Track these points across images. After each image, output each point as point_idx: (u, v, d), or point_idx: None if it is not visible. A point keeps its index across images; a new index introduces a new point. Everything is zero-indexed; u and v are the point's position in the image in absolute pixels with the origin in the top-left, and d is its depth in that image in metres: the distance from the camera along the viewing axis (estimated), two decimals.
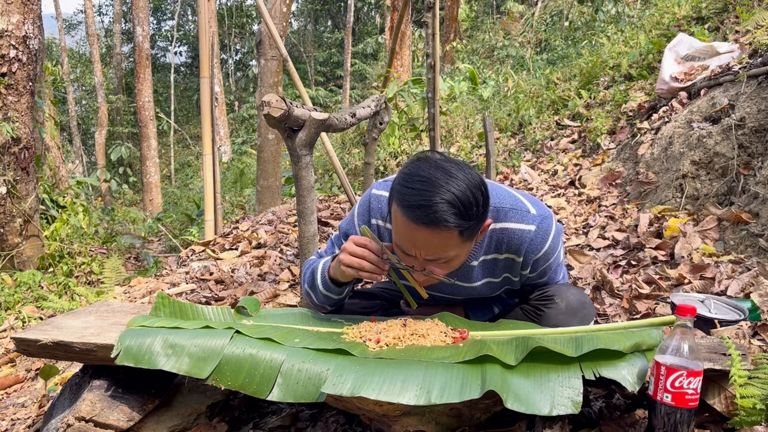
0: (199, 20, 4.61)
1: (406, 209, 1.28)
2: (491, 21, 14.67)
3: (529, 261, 1.51)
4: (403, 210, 1.29)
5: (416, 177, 1.30)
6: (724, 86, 3.38)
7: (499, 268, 1.57)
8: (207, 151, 4.61)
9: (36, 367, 2.71)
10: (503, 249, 1.51)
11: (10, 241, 4.06)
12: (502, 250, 1.52)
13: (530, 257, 1.50)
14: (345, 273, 1.47)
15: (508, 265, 1.55)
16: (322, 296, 1.61)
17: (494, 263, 1.55)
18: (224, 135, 13.19)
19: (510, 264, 1.54)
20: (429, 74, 3.83)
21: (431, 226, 1.26)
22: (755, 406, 1.18)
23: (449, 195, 1.25)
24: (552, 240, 1.50)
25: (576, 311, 1.53)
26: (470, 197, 1.27)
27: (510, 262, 1.54)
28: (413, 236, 1.31)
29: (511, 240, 1.49)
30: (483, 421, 1.34)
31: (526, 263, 1.52)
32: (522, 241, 1.48)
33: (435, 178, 1.28)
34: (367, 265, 1.43)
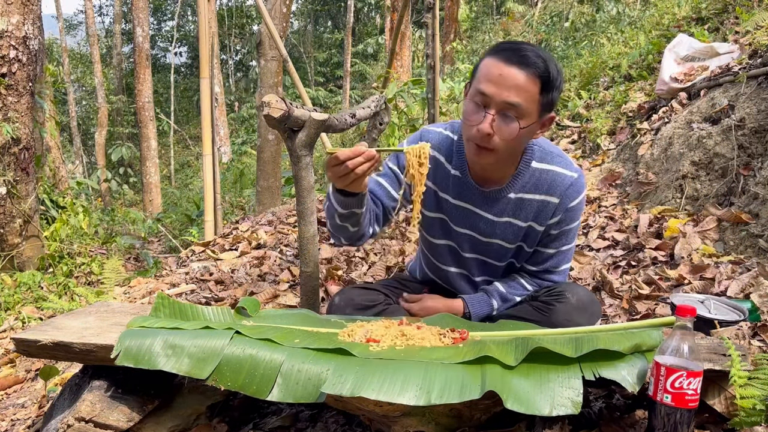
0: (199, 21, 4.62)
1: (500, 52, 1.43)
2: (491, 21, 14.68)
3: (564, 206, 1.59)
4: (496, 54, 1.43)
5: (509, 41, 1.51)
6: (723, 87, 3.38)
7: (530, 211, 1.62)
8: (207, 151, 4.61)
9: (36, 368, 2.71)
10: (543, 189, 1.59)
11: (10, 242, 4.06)
12: (542, 191, 1.59)
13: (565, 203, 1.58)
14: (343, 184, 1.44)
15: (541, 209, 1.60)
16: (341, 220, 1.59)
17: (528, 203, 1.61)
18: (224, 135, 13.20)
19: (543, 207, 1.60)
20: (429, 75, 3.83)
21: (520, 64, 1.39)
22: (755, 407, 1.18)
23: (541, 53, 1.43)
24: (583, 196, 1.61)
25: (586, 307, 1.56)
26: (554, 64, 1.44)
27: (544, 205, 1.60)
28: (501, 74, 1.40)
29: (555, 181, 1.58)
30: (483, 422, 1.34)
31: (560, 208, 1.59)
32: (564, 183, 1.58)
33: (528, 44, 1.46)
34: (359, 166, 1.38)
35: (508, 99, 1.40)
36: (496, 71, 1.41)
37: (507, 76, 1.40)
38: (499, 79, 1.40)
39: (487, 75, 1.43)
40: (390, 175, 1.72)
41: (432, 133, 1.69)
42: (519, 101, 1.40)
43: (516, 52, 1.41)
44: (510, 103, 1.41)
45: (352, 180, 1.41)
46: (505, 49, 1.43)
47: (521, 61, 1.39)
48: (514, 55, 1.40)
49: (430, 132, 1.70)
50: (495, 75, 1.41)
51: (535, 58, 1.40)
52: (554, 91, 1.45)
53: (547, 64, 1.41)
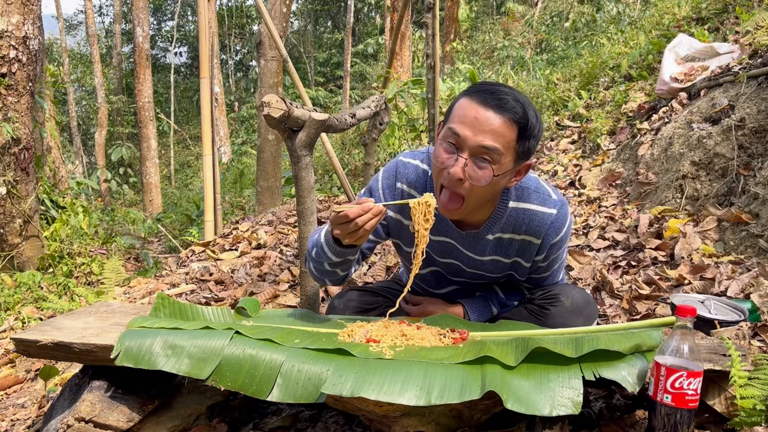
0: (199, 21, 4.62)
1: (478, 93, 1.36)
2: (491, 21, 14.68)
3: (546, 245, 1.54)
4: (474, 95, 1.37)
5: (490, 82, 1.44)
6: (724, 87, 3.38)
7: (512, 249, 1.58)
8: (207, 151, 4.61)
9: (36, 368, 2.71)
10: (522, 229, 1.53)
11: (10, 242, 4.06)
12: (521, 231, 1.54)
13: (548, 240, 1.53)
14: (350, 240, 1.41)
15: (523, 247, 1.56)
16: (328, 267, 1.56)
17: (509, 243, 1.57)
18: (224, 135, 13.19)
19: (525, 246, 1.56)
20: (429, 75, 3.83)
21: (499, 108, 1.33)
22: (755, 407, 1.18)
23: (519, 98, 1.37)
24: (567, 228, 1.54)
25: (581, 310, 1.55)
26: (534, 115, 1.38)
27: (526, 245, 1.56)
28: (476, 116, 1.34)
29: (532, 221, 1.52)
30: (483, 422, 1.34)
31: (543, 247, 1.55)
32: (543, 223, 1.51)
33: (507, 87, 1.40)
34: (363, 219, 1.35)
35: (483, 143, 1.33)
36: (471, 113, 1.34)
37: (483, 119, 1.33)
38: (474, 122, 1.33)
39: (462, 116, 1.36)
40: None
41: (409, 168, 1.60)
42: (494, 146, 1.33)
43: (494, 95, 1.34)
44: (485, 147, 1.33)
45: (360, 236, 1.39)
46: (483, 91, 1.36)
47: (499, 105, 1.33)
48: (492, 98, 1.33)
49: (407, 167, 1.60)
50: (470, 117, 1.34)
51: (513, 103, 1.34)
52: (531, 139, 1.38)
53: (525, 109, 1.35)
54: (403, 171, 1.61)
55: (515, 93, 1.37)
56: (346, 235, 1.39)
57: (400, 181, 1.60)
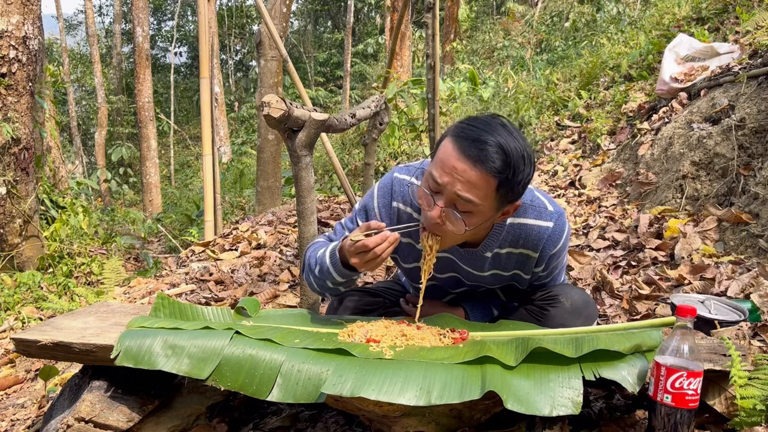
0: (199, 21, 4.62)
1: (459, 139, 1.31)
2: (491, 21, 14.68)
3: (545, 257, 1.53)
4: (455, 140, 1.31)
5: (480, 120, 1.34)
6: (724, 87, 3.38)
7: (511, 263, 1.58)
8: (207, 151, 4.61)
9: (36, 368, 2.71)
10: (519, 244, 1.53)
11: (9, 242, 4.06)
12: (518, 245, 1.53)
13: (546, 253, 1.52)
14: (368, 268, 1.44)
15: (522, 260, 1.56)
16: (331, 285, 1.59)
17: (507, 257, 1.56)
18: (224, 135, 13.19)
19: (524, 260, 1.56)
20: (429, 75, 3.83)
21: (476, 161, 1.28)
22: (755, 407, 1.18)
23: (504, 142, 1.29)
24: (565, 237, 1.54)
25: (581, 310, 1.55)
26: (519, 158, 1.30)
27: (524, 258, 1.55)
28: (455, 166, 1.30)
29: (529, 236, 1.51)
30: (483, 422, 1.34)
31: (541, 259, 1.54)
32: (540, 237, 1.50)
33: (496, 127, 1.32)
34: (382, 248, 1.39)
35: (459, 192, 1.31)
36: (451, 161, 1.30)
37: (460, 170, 1.29)
38: (452, 171, 1.30)
39: (442, 162, 1.33)
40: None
41: (404, 185, 1.57)
42: (471, 197, 1.31)
43: (476, 145, 1.28)
44: (461, 197, 1.31)
45: (377, 264, 1.42)
46: (466, 137, 1.29)
47: (478, 157, 1.27)
48: (473, 147, 1.28)
49: (402, 184, 1.57)
50: (449, 165, 1.31)
51: (494, 154, 1.27)
52: (516, 185, 1.33)
53: (508, 158, 1.28)
54: (398, 189, 1.58)
55: (503, 137, 1.29)
56: (363, 264, 1.41)
57: (396, 200, 1.58)
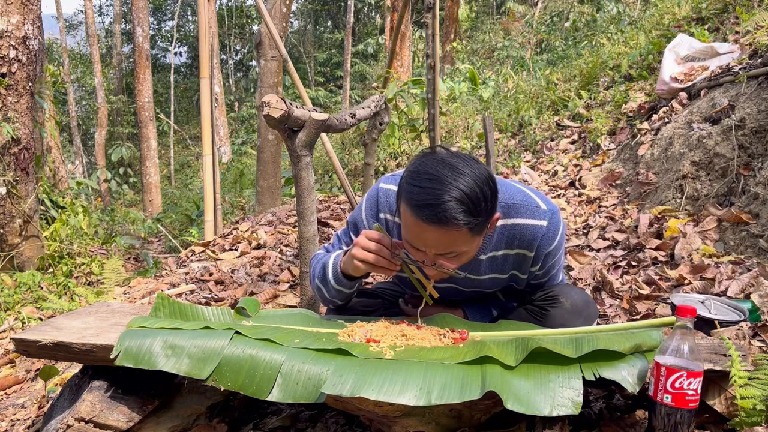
0: (199, 21, 4.62)
1: (415, 208, 1.28)
2: (491, 21, 14.69)
3: (541, 256, 1.53)
4: (412, 209, 1.29)
5: (424, 175, 1.29)
6: (724, 87, 3.38)
7: (508, 264, 1.58)
8: (207, 151, 4.61)
9: (36, 368, 2.71)
10: (515, 244, 1.53)
11: (9, 242, 4.06)
12: (514, 246, 1.53)
13: (542, 252, 1.52)
14: (357, 267, 1.46)
15: (518, 261, 1.56)
16: (334, 291, 1.61)
17: (504, 259, 1.56)
18: (224, 135, 13.19)
19: (520, 260, 1.56)
20: (429, 75, 3.83)
21: (440, 224, 1.26)
22: (755, 407, 1.18)
23: (458, 192, 1.25)
24: (561, 235, 1.53)
25: (581, 311, 1.55)
26: (478, 193, 1.27)
27: (521, 258, 1.55)
28: (423, 234, 1.31)
29: (524, 235, 1.50)
30: (483, 422, 1.34)
31: (537, 258, 1.54)
32: (534, 236, 1.50)
33: (443, 176, 1.27)
34: (381, 260, 1.43)
35: (440, 252, 1.35)
36: (418, 232, 1.32)
37: (431, 237, 1.30)
38: (425, 240, 1.33)
39: (411, 233, 1.35)
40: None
41: (390, 196, 1.57)
42: (452, 250, 1.34)
43: (433, 209, 1.25)
44: (444, 254, 1.35)
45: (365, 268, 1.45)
46: (422, 205, 1.26)
47: (440, 220, 1.25)
48: (432, 213, 1.25)
49: (388, 195, 1.58)
50: (419, 236, 1.33)
51: (455, 210, 1.24)
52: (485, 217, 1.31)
53: (469, 206, 1.25)
54: (384, 200, 1.59)
55: (452, 188, 1.25)
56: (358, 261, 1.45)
57: (383, 211, 1.60)
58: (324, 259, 1.65)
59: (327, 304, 1.73)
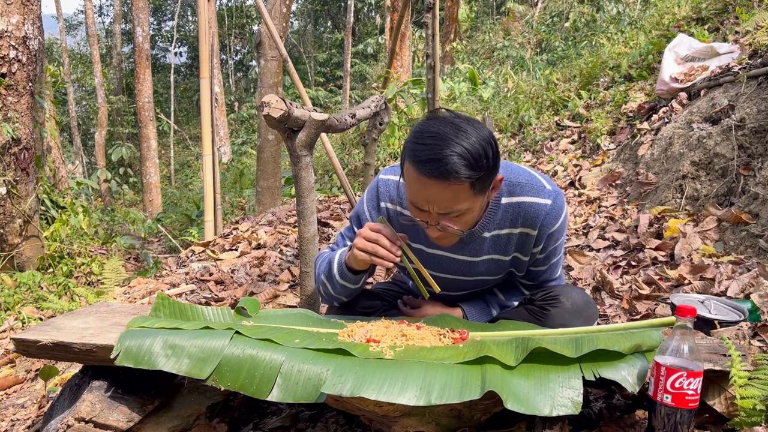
0: (199, 21, 4.62)
1: (418, 164, 1.30)
2: (491, 21, 14.69)
3: (543, 235, 1.54)
4: (415, 165, 1.31)
5: (427, 133, 1.32)
6: (724, 87, 3.38)
7: (511, 245, 1.58)
8: (207, 151, 4.61)
9: (36, 368, 2.71)
10: (519, 222, 1.54)
11: (10, 242, 4.06)
12: (518, 224, 1.54)
13: (545, 231, 1.53)
14: (359, 258, 1.48)
15: (521, 240, 1.57)
16: (339, 286, 1.63)
17: (507, 239, 1.57)
18: (224, 135, 13.19)
19: (523, 239, 1.56)
20: (429, 75, 3.83)
21: (442, 178, 1.28)
22: (755, 407, 1.18)
23: (459, 148, 1.28)
24: (564, 217, 1.54)
25: (581, 311, 1.55)
26: (480, 150, 1.30)
27: (524, 237, 1.56)
28: (426, 190, 1.33)
29: (528, 213, 1.51)
30: (483, 422, 1.34)
31: (540, 238, 1.55)
32: (538, 214, 1.51)
33: (445, 133, 1.30)
34: (381, 250, 1.45)
35: (443, 210, 1.35)
36: (421, 188, 1.33)
37: (434, 192, 1.32)
38: (427, 196, 1.34)
39: (414, 190, 1.36)
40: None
41: (389, 185, 1.61)
42: (454, 207, 1.35)
43: (436, 164, 1.28)
44: (446, 212, 1.36)
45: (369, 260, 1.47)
46: (424, 160, 1.29)
47: (443, 173, 1.27)
48: (435, 168, 1.28)
49: (387, 184, 1.62)
50: (422, 192, 1.34)
51: (457, 165, 1.27)
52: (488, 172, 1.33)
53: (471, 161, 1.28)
54: (384, 190, 1.63)
55: (456, 141, 1.28)
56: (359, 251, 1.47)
57: (383, 200, 1.63)
58: (329, 255, 1.67)
59: (331, 302, 1.74)
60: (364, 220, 1.66)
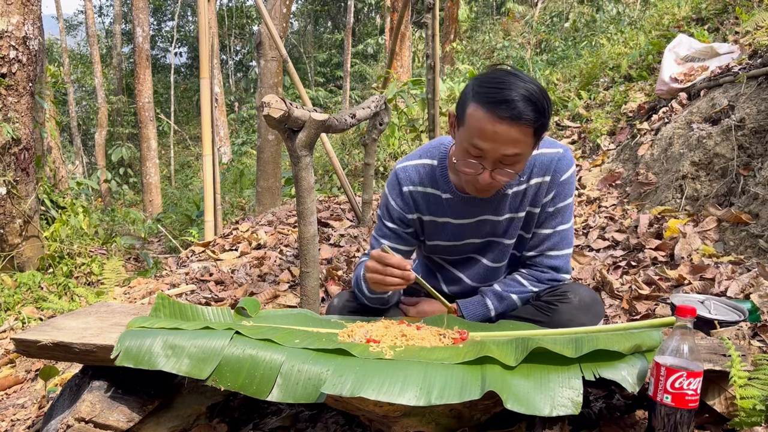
0: (199, 21, 4.62)
1: (489, 105, 1.36)
2: (491, 22, 14.69)
3: (556, 182, 1.61)
4: (485, 107, 1.37)
5: (493, 80, 1.40)
6: (723, 87, 3.38)
7: (526, 199, 1.64)
8: (207, 151, 4.61)
9: (36, 368, 2.71)
10: (534, 173, 1.61)
11: (10, 242, 4.06)
12: (533, 175, 1.61)
13: (558, 177, 1.60)
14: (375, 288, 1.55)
15: (535, 191, 1.63)
16: (372, 298, 1.70)
17: (524, 193, 1.64)
18: (224, 136, 13.19)
19: (536, 190, 1.63)
20: (429, 75, 3.83)
21: (512, 120, 1.35)
22: (755, 407, 1.18)
23: (527, 93, 1.36)
24: (573, 171, 1.62)
25: (589, 307, 1.57)
26: (542, 98, 1.38)
27: (537, 188, 1.62)
28: (492, 133, 1.37)
29: (543, 162, 1.60)
30: (483, 422, 1.34)
31: (552, 185, 1.61)
32: (551, 160, 1.60)
33: (511, 81, 1.38)
34: (392, 279, 1.49)
35: (505, 152, 1.40)
36: (489, 128, 1.37)
37: (501, 132, 1.36)
38: (494, 136, 1.38)
39: (479, 131, 1.39)
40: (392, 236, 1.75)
41: (409, 171, 1.69)
42: (516, 151, 1.40)
43: (506, 105, 1.34)
44: (507, 155, 1.41)
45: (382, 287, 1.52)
46: (494, 101, 1.35)
47: (513, 116, 1.34)
48: (505, 109, 1.34)
49: (406, 170, 1.69)
50: (489, 132, 1.37)
51: (525, 107, 1.34)
52: (546, 122, 1.42)
53: (537, 105, 1.36)
54: (403, 176, 1.69)
55: (523, 87, 1.36)
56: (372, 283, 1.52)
57: (405, 185, 1.68)
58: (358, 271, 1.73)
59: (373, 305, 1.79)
60: (393, 211, 1.71)
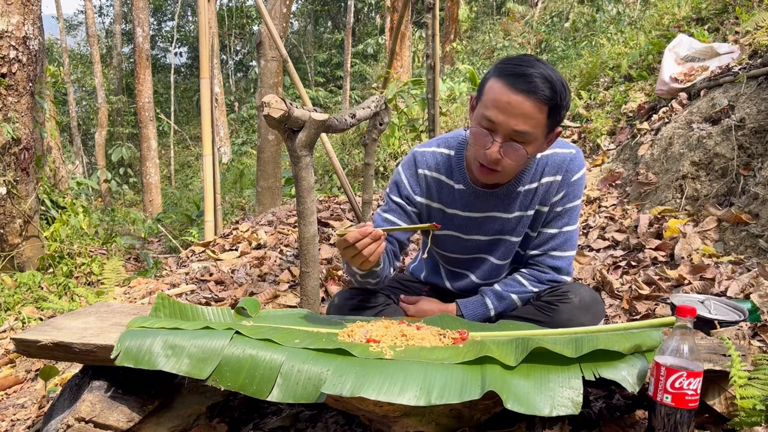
0: (199, 21, 4.62)
1: (507, 77, 1.40)
2: (491, 22, 14.68)
3: (567, 182, 1.63)
4: (503, 79, 1.41)
5: (514, 60, 1.45)
6: (723, 87, 3.38)
7: (537, 197, 1.65)
8: (207, 151, 4.61)
9: (36, 368, 2.71)
10: (546, 172, 1.63)
11: (10, 242, 4.06)
12: (545, 174, 1.63)
13: (568, 177, 1.62)
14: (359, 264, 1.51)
15: (545, 190, 1.64)
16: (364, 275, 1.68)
17: (535, 192, 1.65)
18: (224, 136, 13.19)
19: (547, 189, 1.64)
20: (429, 75, 3.83)
21: (528, 93, 1.38)
22: (755, 407, 1.18)
23: (546, 73, 1.40)
24: (584, 173, 1.65)
25: (589, 307, 1.57)
26: (560, 83, 1.42)
27: (548, 187, 1.64)
28: (508, 103, 1.40)
29: (555, 161, 1.63)
30: (483, 422, 1.34)
31: (564, 185, 1.63)
32: (564, 160, 1.62)
33: (532, 62, 1.43)
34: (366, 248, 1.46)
35: (516, 127, 1.41)
36: (503, 98, 1.40)
37: (514, 104, 1.39)
38: (507, 107, 1.40)
39: (494, 101, 1.42)
40: (397, 210, 1.74)
41: (426, 155, 1.71)
42: (527, 129, 1.41)
43: (524, 78, 1.39)
44: (518, 131, 1.42)
45: (362, 260, 1.47)
46: (512, 74, 1.40)
47: (529, 89, 1.38)
48: (522, 82, 1.39)
49: (424, 155, 1.71)
50: (503, 102, 1.40)
51: (542, 84, 1.38)
52: (561, 110, 1.45)
53: (554, 86, 1.40)
54: (421, 159, 1.71)
55: (543, 69, 1.40)
56: (350, 259, 1.49)
57: (421, 168, 1.71)
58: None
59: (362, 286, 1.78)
60: (402, 189, 1.73)
